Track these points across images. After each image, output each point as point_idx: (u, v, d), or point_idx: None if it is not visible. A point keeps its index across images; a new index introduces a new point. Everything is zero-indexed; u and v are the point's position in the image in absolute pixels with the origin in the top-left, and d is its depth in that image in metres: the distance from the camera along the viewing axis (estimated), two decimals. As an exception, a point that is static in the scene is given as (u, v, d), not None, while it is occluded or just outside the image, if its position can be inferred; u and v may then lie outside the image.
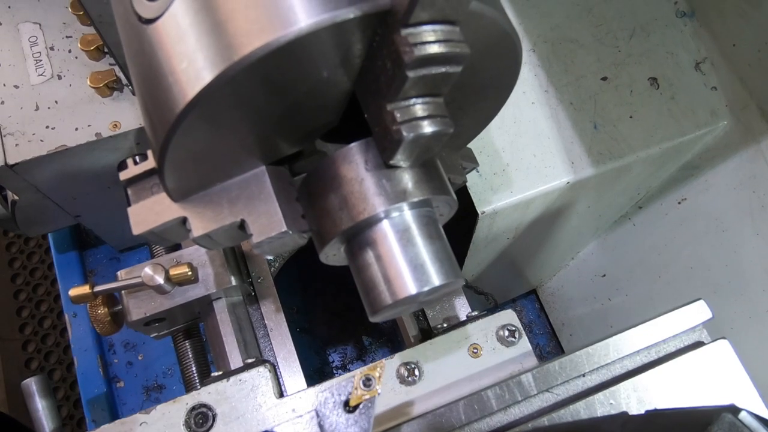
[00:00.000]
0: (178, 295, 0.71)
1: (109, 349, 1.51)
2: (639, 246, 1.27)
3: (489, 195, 0.88)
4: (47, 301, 1.82)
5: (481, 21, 0.41)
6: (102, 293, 0.70)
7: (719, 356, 0.63)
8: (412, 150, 0.42)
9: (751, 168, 0.97)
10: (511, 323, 0.70)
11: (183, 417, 0.64)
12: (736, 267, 1.04)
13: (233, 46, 0.36)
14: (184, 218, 0.47)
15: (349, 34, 0.38)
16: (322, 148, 0.50)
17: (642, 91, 0.97)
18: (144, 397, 1.49)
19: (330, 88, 0.42)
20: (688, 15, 1.01)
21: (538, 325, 1.77)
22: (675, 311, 0.66)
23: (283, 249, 0.49)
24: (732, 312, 1.05)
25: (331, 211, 0.46)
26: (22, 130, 0.89)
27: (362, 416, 0.54)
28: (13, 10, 0.97)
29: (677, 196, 1.13)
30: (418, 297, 0.45)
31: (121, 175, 0.48)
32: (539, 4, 1.00)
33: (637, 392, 0.60)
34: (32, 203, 1.01)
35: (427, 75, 0.37)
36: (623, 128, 0.94)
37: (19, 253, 1.87)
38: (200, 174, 0.46)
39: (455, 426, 0.60)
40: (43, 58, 0.95)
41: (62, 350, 1.77)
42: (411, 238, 0.46)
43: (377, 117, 0.41)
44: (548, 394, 0.61)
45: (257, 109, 0.41)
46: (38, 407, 0.71)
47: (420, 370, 0.68)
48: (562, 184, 0.91)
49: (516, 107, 0.94)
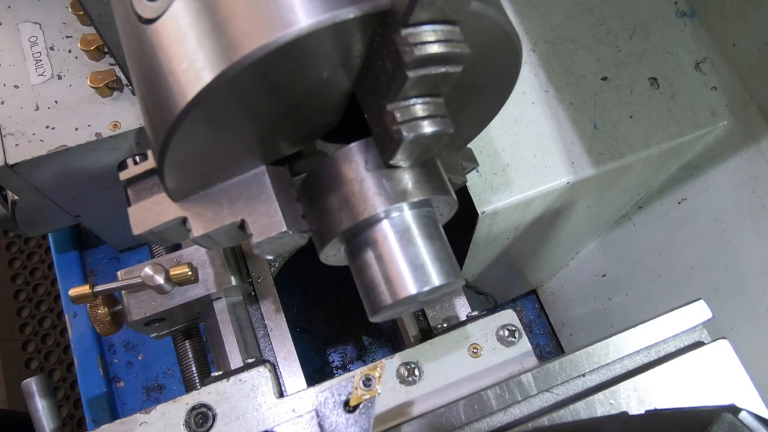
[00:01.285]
0: (178, 295, 0.71)
1: (109, 349, 1.51)
2: (639, 246, 1.27)
3: (489, 195, 0.88)
4: (47, 301, 1.83)
5: (481, 21, 0.41)
6: (102, 293, 0.70)
7: (719, 356, 0.63)
8: (412, 150, 0.42)
9: (751, 168, 0.97)
10: (511, 323, 0.70)
11: (183, 417, 0.64)
12: (736, 267, 1.04)
13: (233, 47, 0.36)
14: (184, 218, 0.47)
15: (349, 35, 0.38)
16: (322, 148, 0.50)
17: (642, 91, 0.97)
18: (144, 397, 1.49)
19: (330, 88, 0.42)
20: (688, 15, 1.01)
21: (538, 325, 1.77)
22: (675, 311, 0.66)
23: (283, 249, 0.49)
24: (732, 312, 1.05)
25: (331, 211, 0.46)
26: (22, 130, 0.89)
27: (362, 416, 0.54)
28: (13, 10, 0.97)
29: (677, 196, 1.13)
30: (418, 297, 0.45)
31: (121, 175, 0.48)
32: (539, 4, 1.00)
33: (637, 392, 0.60)
34: (32, 203, 1.01)
35: (427, 75, 0.37)
36: (623, 128, 0.94)
37: (19, 253, 1.87)
38: (200, 174, 0.46)
39: (455, 426, 0.60)
40: (43, 58, 0.95)
41: (62, 350, 1.78)
42: (411, 238, 0.46)
43: (377, 117, 0.41)
44: (548, 394, 0.61)
45: (257, 110, 0.41)
46: (38, 407, 0.71)
47: (420, 370, 0.68)
48: (562, 184, 0.91)
49: (516, 107, 0.94)
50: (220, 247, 0.54)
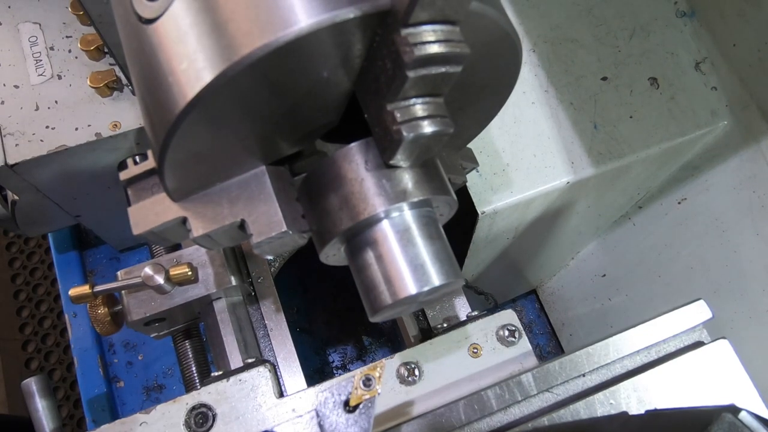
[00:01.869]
0: (178, 295, 0.71)
1: (109, 349, 1.51)
2: (639, 246, 1.27)
3: (489, 195, 0.88)
4: (47, 301, 1.83)
5: (481, 21, 0.41)
6: (102, 293, 0.70)
7: (719, 356, 0.63)
8: (412, 150, 0.42)
9: (751, 168, 0.97)
10: (511, 323, 0.70)
11: (183, 417, 0.64)
12: (736, 267, 1.04)
13: (233, 47, 0.36)
14: (184, 218, 0.47)
15: (349, 34, 0.38)
16: (322, 148, 0.50)
17: (642, 91, 0.97)
18: (144, 397, 1.49)
19: (330, 88, 0.42)
20: (688, 15, 1.01)
21: (538, 325, 1.77)
22: (675, 311, 0.66)
23: (283, 249, 0.49)
24: (732, 312, 1.05)
25: (331, 211, 0.46)
26: (22, 130, 0.89)
27: (362, 416, 0.54)
28: (13, 10, 0.97)
29: (677, 196, 1.13)
30: (418, 297, 0.45)
31: (121, 175, 0.48)
32: (539, 4, 1.00)
33: (637, 392, 0.60)
34: (32, 203, 1.01)
35: (427, 75, 0.37)
36: (623, 128, 0.94)
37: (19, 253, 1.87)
38: (200, 174, 0.46)
39: (455, 426, 0.60)
40: (43, 58, 0.95)
41: (62, 350, 1.78)
42: (411, 238, 0.46)
43: (377, 117, 0.41)
44: (548, 394, 0.61)
45: (257, 110, 0.41)
46: (38, 407, 0.71)
47: (420, 370, 0.68)
48: (562, 184, 0.91)
49: (516, 107, 0.94)
50: (220, 247, 0.54)
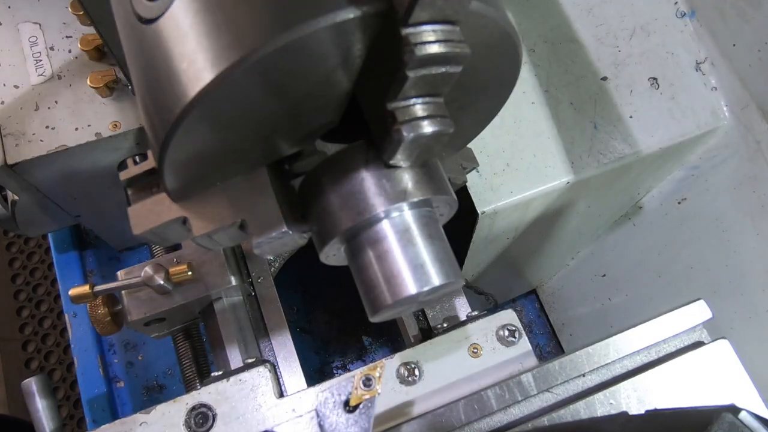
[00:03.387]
0: (178, 295, 0.71)
1: (109, 349, 1.51)
2: (639, 246, 1.27)
3: (489, 195, 0.88)
4: (47, 301, 1.82)
5: (481, 21, 0.41)
6: (102, 293, 0.70)
7: (719, 356, 0.63)
8: (412, 150, 0.42)
9: (751, 168, 0.97)
10: (511, 323, 0.70)
11: (183, 417, 0.64)
12: (736, 267, 1.04)
13: (233, 47, 0.36)
14: (185, 218, 0.47)
15: (349, 35, 0.38)
16: (322, 148, 0.50)
17: (642, 91, 0.97)
18: (144, 397, 1.49)
19: (330, 88, 0.42)
20: (688, 15, 1.01)
21: (538, 325, 1.77)
22: (675, 311, 0.66)
23: (283, 249, 0.49)
24: (732, 312, 1.05)
25: (331, 211, 0.46)
26: (22, 130, 0.89)
27: (362, 416, 0.54)
28: (13, 10, 0.97)
29: (677, 196, 1.13)
30: (418, 297, 0.45)
31: (121, 175, 0.48)
32: (539, 4, 1.00)
33: (637, 392, 0.60)
34: (32, 203, 1.01)
35: (428, 75, 0.37)
36: (623, 128, 0.94)
37: (19, 253, 1.87)
38: (200, 174, 0.46)
39: (455, 426, 0.60)
40: (43, 58, 0.94)
41: (62, 350, 1.78)
42: (411, 238, 0.46)
43: (377, 117, 0.41)
44: (548, 394, 0.61)
45: (257, 110, 0.41)
46: (38, 407, 0.71)
47: (420, 370, 0.68)
48: (562, 184, 0.91)
49: (516, 107, 0.94)
50: (220, 247, 0.54)
